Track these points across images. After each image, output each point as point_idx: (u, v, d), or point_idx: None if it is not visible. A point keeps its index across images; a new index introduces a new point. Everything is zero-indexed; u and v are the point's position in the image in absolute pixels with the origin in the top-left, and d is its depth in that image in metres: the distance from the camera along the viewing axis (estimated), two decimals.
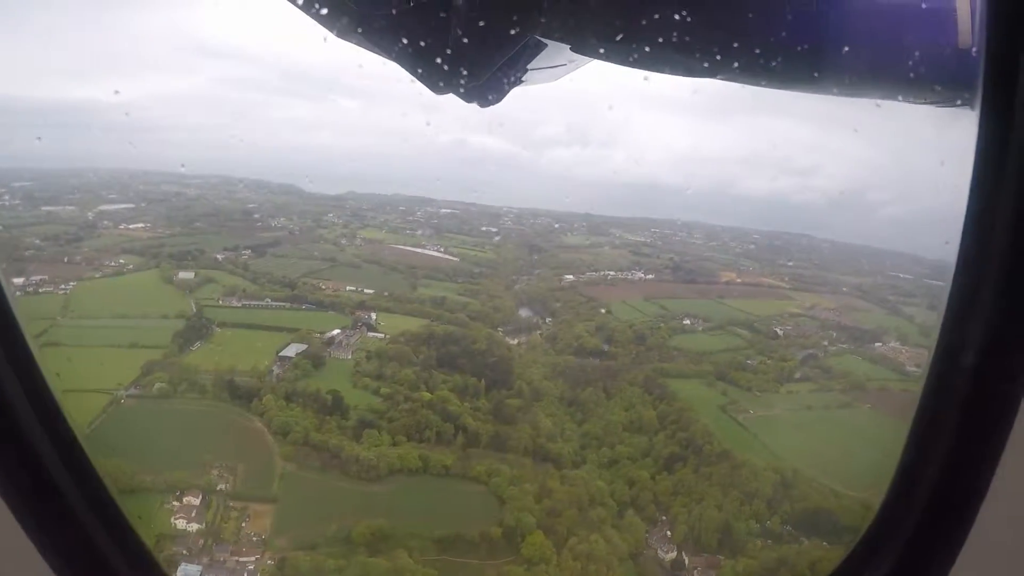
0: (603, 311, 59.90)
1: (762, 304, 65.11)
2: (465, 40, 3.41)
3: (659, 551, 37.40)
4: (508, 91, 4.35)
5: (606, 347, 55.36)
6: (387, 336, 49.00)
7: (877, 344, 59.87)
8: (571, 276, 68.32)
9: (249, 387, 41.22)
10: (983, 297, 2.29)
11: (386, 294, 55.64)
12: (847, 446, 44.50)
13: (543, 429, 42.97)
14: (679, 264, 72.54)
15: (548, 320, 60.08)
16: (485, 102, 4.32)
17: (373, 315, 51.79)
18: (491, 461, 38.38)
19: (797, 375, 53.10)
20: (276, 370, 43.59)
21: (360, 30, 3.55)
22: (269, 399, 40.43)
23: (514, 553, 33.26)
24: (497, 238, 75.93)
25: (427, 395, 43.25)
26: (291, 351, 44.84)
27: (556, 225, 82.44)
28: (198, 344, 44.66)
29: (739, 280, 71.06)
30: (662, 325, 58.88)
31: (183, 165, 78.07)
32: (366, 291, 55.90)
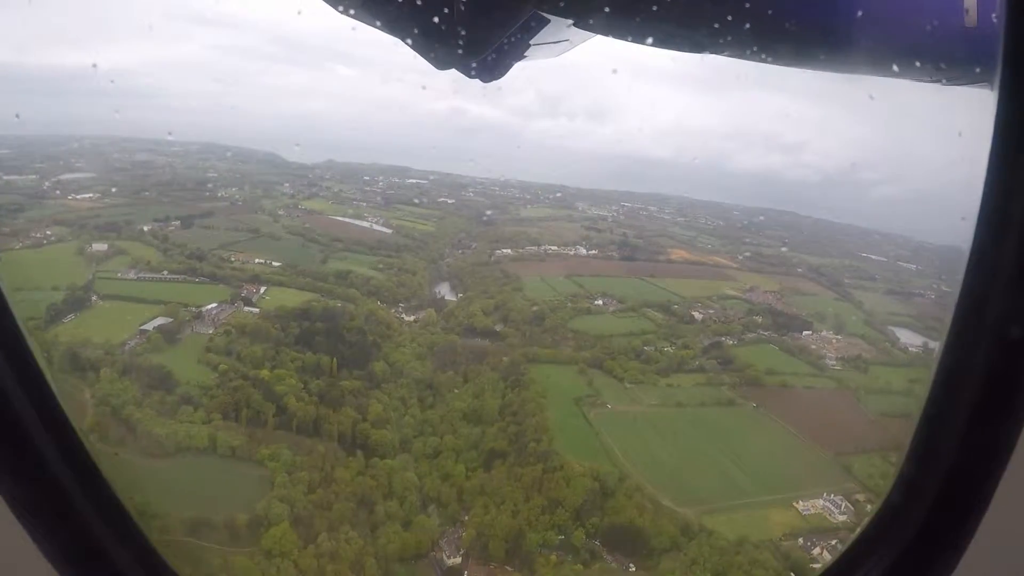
0: (514, 289, 53.64)
1: (696, 284, 56.72)
2: (467, 16, 3.23)
3: (444, 555, 32.04)
4: (511, 67, 4.07)
5: (498, 327, 49.35)
6: (260, 311, 45.26)
7: (806, 332, 50.70)
8: (508, 250, 62.12)
9: (93, 360, 38.73)
10: (1000, 283, 2.06)
11: (291, 267, 51.81)
12: (701, 452, 36.93)
13: (372, 414, 38.06)
14: (626, 240, 64.81)
15: (460, 296, 54.52)
16: (487, 78, 4.03)
17: (262, 289, 48.12)
18: (282, 445, 34.04)
19: (692, 365, 45.19)
20: (131, 343, 40.92)
21: (363, 6, 3.39)
22: (104, 372, 37.79)
23: (255, 544, 29.04)
24: (452, 209, 70.75)
25: (265, 373, 39.28)
26: (153, 325, 42.00)
27: (521, 196, 76.11)
28: (71, 316, 42.54)
29: (686, 258, 62.57)
30: (569, 305, 52.03)
31: (170, 133, 76.55)
32: (273, 264, 52.22)
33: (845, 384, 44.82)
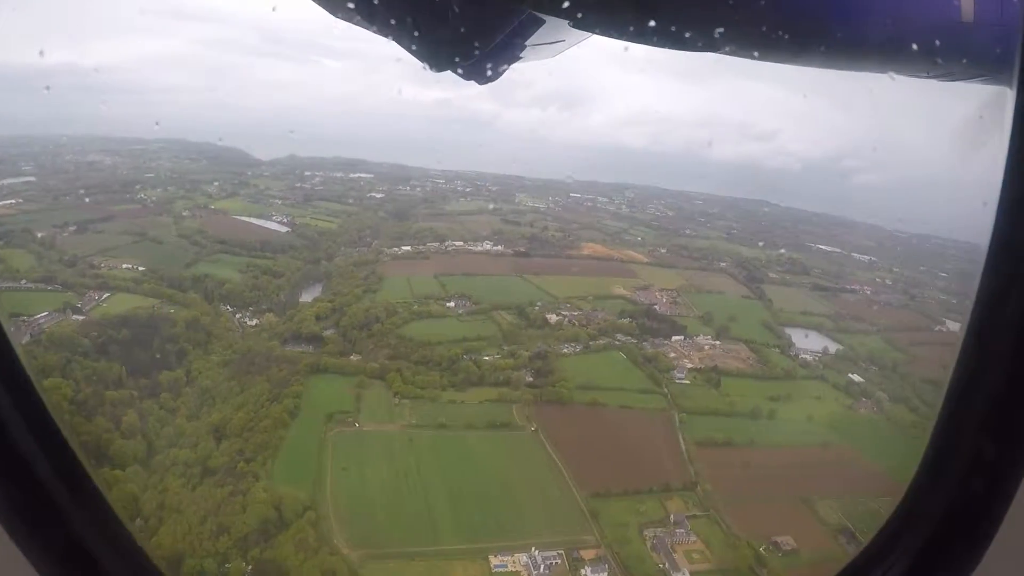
0: (366, 291, 51.71)
1: (584, 282, 51.59)
2: (462, 17, 3.24)
3: None
4: (506, 68, 4.10)
5: (327, 333, 47.64)
6: (84, 319, 46.98)
7: (676, 338, 44.41)
8: (407, 247, 60.06)
9: None
10: (1020, 282, 2.04)
11: (151, 272, 53.32)
12: (423, 484, 32.82)
13: (125, 424, 38.12)
14: (539, 235, 60.77)
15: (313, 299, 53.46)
16: (483, 79, 4.07)
17: (104, 296, 50.00)
18: None
19: (498, 378, 40.83)
20: None
21: (357, 9, 3.38)
22: None
23: None
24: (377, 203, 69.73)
25: (48, 383, 40.65)
26: None
27: (462, 189, 73.71)
28: None
29: (595, 253, 57.40)
30: (415, 307, 49.20)
31: (157, 123, 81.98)
32: (139, 268, 53.89)
33: (676, 402, 38.32)
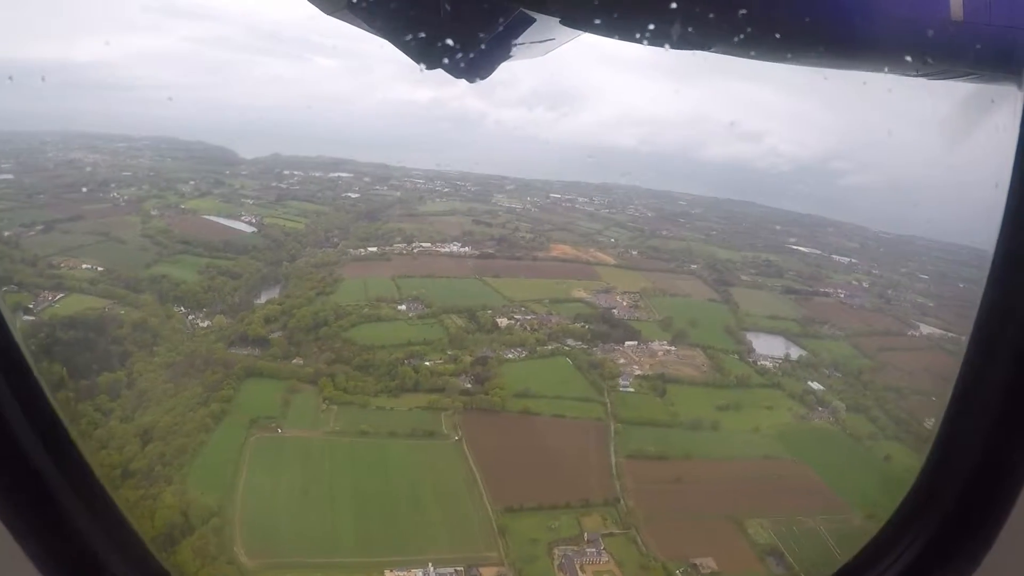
0: (320, 293, 51.71)
1: (543, 285, 50.99)
2: (453, 15, 3.44)
3: None
4: (496, 67, 4.29)
5: (274, 335, 47.71)
6: (33, 320, 47.85)
7: (629, 343, 43.52)
8: (374, 248, 60.03)
9: None
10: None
11: (109, 273, 54.11)
12: (332, 493, 32.44)
13: None
14: (507, 236, 60.24)
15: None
16: (474, 77, 4.25)
17: (59, 296, 50.85)
18: None
19: (435, 383, 40.36)
20: None
21: (349, 7, 3.61)
22: None
23: None
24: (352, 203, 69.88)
25: None
26: None
27: (439, 189, 73.52)
28: None
29: (562, 254, 56.67)
30: (366, 310, 49.04)
31: (170, 97, 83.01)
32: (99, 269, 54.88)
33: (614, 412, 37.38)
